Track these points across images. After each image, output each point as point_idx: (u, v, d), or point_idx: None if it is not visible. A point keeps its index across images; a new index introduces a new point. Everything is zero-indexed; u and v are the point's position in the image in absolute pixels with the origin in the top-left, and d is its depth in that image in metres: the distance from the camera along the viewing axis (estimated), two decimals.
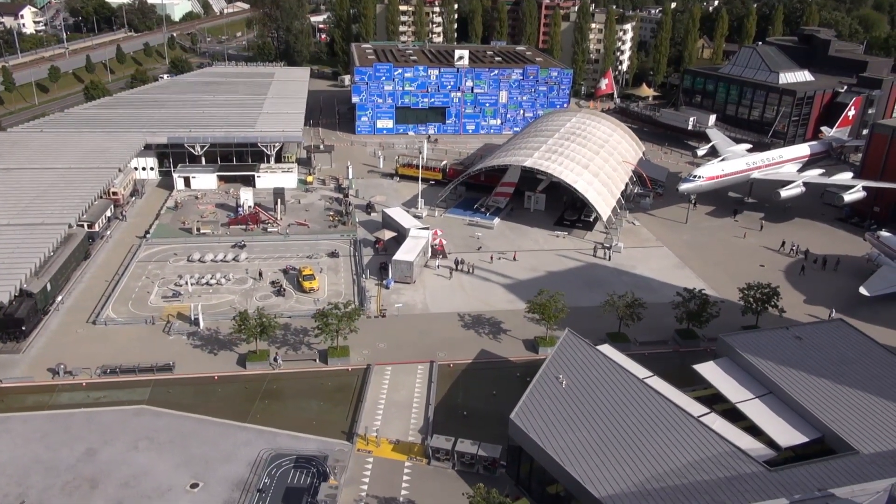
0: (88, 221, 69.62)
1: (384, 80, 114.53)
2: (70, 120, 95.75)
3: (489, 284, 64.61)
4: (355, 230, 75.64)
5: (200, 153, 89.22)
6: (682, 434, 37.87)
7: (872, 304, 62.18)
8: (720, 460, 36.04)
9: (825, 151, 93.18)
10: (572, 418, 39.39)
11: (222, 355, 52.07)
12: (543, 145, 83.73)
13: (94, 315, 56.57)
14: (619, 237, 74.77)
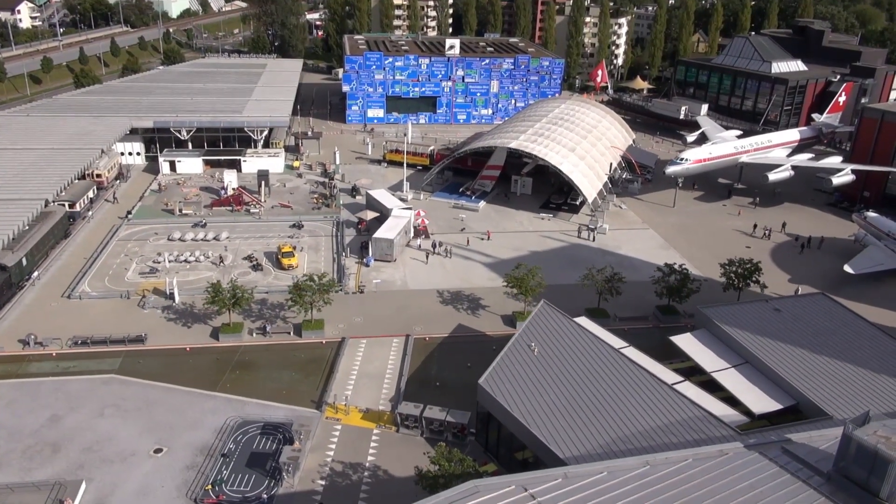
0: (69, 201, 69.25)
1: (375, 69, 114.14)
2: (57, 105, 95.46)
3: (470, 263, 64.04)
4: (339, 212, 75.20)
5: (186, 137, 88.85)
6: (654, 399, 37.17)
7: (857, 283, 61.52)
8: (690, 424, 35.35)
9: (815, 137, 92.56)
10: (542, 384, 38.73)
11: (196, 328, 51.54)
12: (530, 129, 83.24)
13: (70, 290, 56.11)
14: (605, 219, 74.17)
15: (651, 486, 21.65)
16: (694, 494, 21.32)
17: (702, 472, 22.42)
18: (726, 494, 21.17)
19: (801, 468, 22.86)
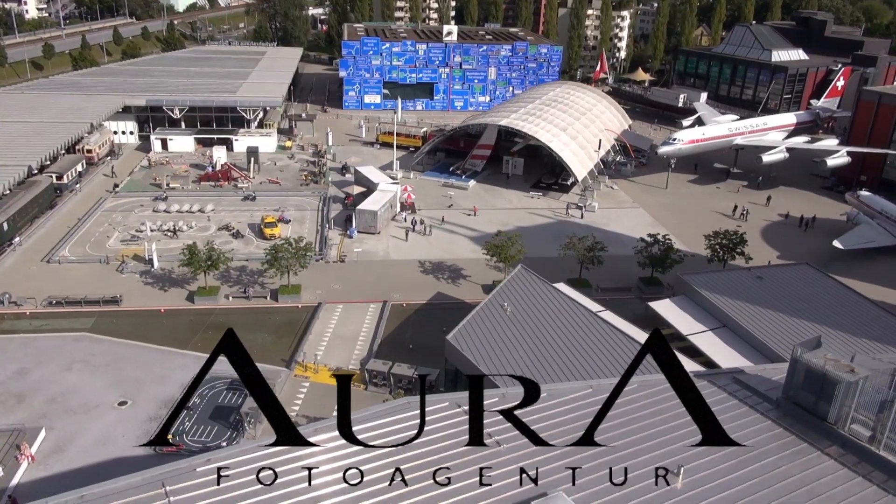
0: (57, 173, 69.32)
1: (372, 54, 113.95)
2: (52, 85, 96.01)
3: (454, 236, 63.53)
4: (327, 188, 74.88)
5: (179, 116, 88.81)
6: (624, 355, 36.53)
7: (847, 260, 60.56)
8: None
9: (812, 121, 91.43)
10: (511, 341, 38.15)
11: (172, 292, 51.28)
12: (522, 109, 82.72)
13: (49, 255, 55.99)
14: (595, 198, 73.46)
15: (590, 406, 21.02)
16: (636, 415, 20.66)
17: (646, 395, 21.74)
18: (670, 415, 20.48)
19: (750, 395, 22.15)
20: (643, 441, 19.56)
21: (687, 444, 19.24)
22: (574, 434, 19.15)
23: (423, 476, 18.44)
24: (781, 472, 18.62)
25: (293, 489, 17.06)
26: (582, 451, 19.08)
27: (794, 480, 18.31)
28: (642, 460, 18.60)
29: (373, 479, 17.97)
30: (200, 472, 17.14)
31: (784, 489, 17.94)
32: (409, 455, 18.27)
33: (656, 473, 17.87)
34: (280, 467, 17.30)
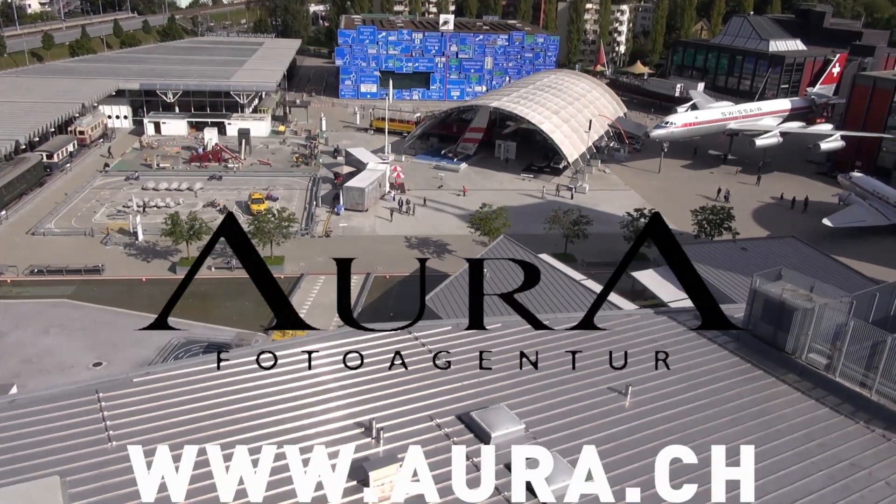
0: (47, 152, 69.43)
1: (368, 43, 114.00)
2: (47, 70, 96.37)
3: (442, 214, 63.31)
4: (317, 169, 74.81)
5: (173, 101, 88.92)
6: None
7: (837, 239, 60.09)
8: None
9: (807, 107, 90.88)
10: (487, 301, 37.79)
11: (155, 262, 51.25)
12: (515, 93, 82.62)
13: (35, 228, 56.02)
14: (587, 181, 73.20)
15: (541, 336, 20.78)
16: (590, 343, 20.39)
17: (603, 321, 21.61)
18: (624, 345, 20.19)
19: (712, 331, 21.87)
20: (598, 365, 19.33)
21: (639, 370, 19.10)
22: (574, 320, 19.44)
23: (422, 359, 18.71)
24: (732, 395, 18.29)
25: (294, 373, 17.42)
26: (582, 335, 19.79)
27: (745, 402, 17.97)
28: (596, 380, 18.40)
29: (372, 361, 18.10)
30: (137, 383, 16.94)
31: (735, 409, 17.62)
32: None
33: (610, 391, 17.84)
34: (280, 351, 17.80)
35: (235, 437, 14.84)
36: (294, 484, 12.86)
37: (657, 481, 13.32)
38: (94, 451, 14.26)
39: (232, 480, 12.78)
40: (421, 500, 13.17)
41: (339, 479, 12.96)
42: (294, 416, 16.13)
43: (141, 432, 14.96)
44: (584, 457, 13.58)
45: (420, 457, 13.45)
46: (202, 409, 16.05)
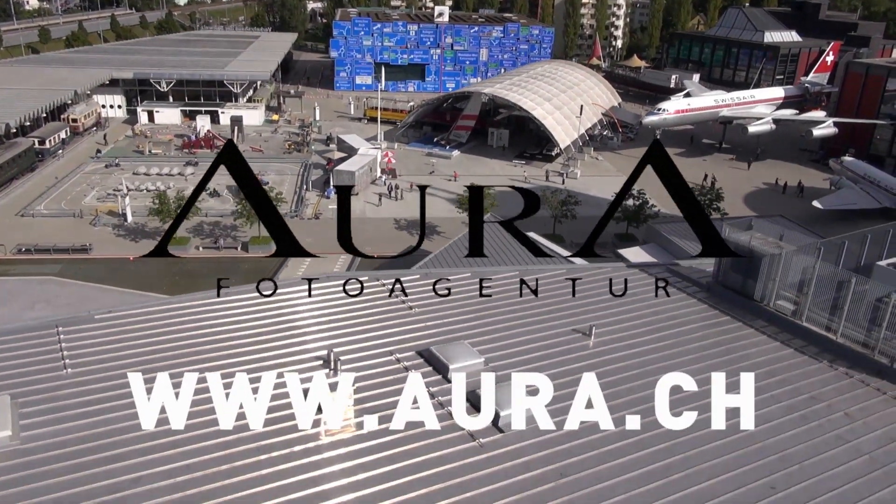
0: (39, 138, 69.56)
1: (363, 34, 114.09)
2: (42, 60, 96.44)
3: (432, 198, 63.09)
4: (310, 156, 74.92)
5: (166, 90, 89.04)
6: None
7: (828, 222, 60.05)
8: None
9: (801, 95, 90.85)
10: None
11: (143, 242, 51.45)
12: (508, 80, 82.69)
13: (24, 209, 56.14)
14: (579, 167, 73.26)
15: (512, 284, 20.82)
16: (561, 291, 20.43)
17: (575, 272, 21.65)
18: (595, 298, 20.20)
19: (681, 282, 21.84)
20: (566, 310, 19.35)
21: (605, 314, 19.14)
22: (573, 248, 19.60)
23: (422, 287, 18.84)
24: (695, 337, 18.26)
25: (292, 301, 17.61)
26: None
27: (708, 343, 17.96)
28: (562, 323, 18.41)
29: (372, 287, 18.27)
30: (98, 319, 16.95)
31: (696, 349, 17.60)
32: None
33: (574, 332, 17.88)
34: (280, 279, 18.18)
35: (186, 368, 14.85)
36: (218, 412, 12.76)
37: (601, 419, 13.29)
38: (48, 377, 14.27)
39: (183, 406, 12.70)
40: (378, 426, 13.17)
41: (294, 406, 12.90)
42: (258, 347, 16.17)
43: (97, 361, 15.01)
44: (584, 384, 13.64)
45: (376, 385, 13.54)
46: (156, 342, 16.07)
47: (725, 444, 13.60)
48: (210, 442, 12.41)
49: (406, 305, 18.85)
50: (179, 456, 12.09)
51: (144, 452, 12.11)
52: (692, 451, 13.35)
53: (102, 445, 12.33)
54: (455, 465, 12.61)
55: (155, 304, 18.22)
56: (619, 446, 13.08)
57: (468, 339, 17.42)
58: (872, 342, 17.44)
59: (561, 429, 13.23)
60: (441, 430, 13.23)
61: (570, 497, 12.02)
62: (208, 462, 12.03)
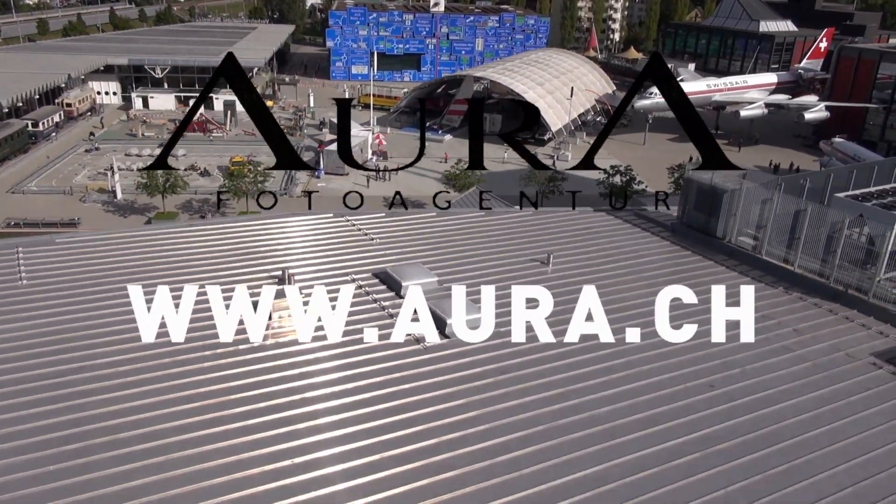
0: (33, 120, 69.93)
1: (359, 24, 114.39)
2: (39, 47, 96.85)
3: (421, 178, 63.57)
4: (302, 140, 75.20)
5: (161, 76, 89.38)
6: None
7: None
8: None
9: (794, 81, 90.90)
10: None
11: (132, 218, 51.73)
12: (501, 66, 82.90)
13: (15, 186, 56.50)
14: (570, 150, 73.42)
15: (478, 223, 21.06)
16: (526, 229, 20.62)
17: (540, 216, 21.86)
18: (558, 236, 20.36)
19: (647, 223, 21.99)
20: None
21: (566, 246, 19.35)
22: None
23: (422, 199, 19.07)
24: (652, 268, 18.46)
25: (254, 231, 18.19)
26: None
27: (664, 272, 18.16)
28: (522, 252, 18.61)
29: (372, 198, 18.48)
30: (59, 243, 17.19)
31: (651, 276, 17.77)
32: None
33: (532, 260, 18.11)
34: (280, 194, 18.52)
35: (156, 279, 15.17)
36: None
37: (540, 331, 13.55)
38: (3, 286, 14.60)
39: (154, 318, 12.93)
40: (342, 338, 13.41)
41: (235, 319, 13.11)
42: (215, 267, 16.38)
43: (54, 276, 15.28)
44: (584, 295, 13.84)
45: (324, 297, 13.72)
46: (112, 262, 16.32)
47: (673, 351, 13.86)
48: (170, 349, 12.75)
49: (368, 237, 19.14)
50: (122, 355, 12.54)
51: (93, 349, 12.79)
52: (634, 357, 13.60)
53: (49, 342, 12.79)
54: (403, 364, 12.91)
55: (115, 232, 18.49)
56: (555, 353, 13.39)
57: (426, 264, 17.69)
58: (828, 271, 17.64)
59: (504, 337, 13.50)
60: (391, 337, 13.55)
61: (507, 390, 12.26)
62: (166, 364, 12.48)
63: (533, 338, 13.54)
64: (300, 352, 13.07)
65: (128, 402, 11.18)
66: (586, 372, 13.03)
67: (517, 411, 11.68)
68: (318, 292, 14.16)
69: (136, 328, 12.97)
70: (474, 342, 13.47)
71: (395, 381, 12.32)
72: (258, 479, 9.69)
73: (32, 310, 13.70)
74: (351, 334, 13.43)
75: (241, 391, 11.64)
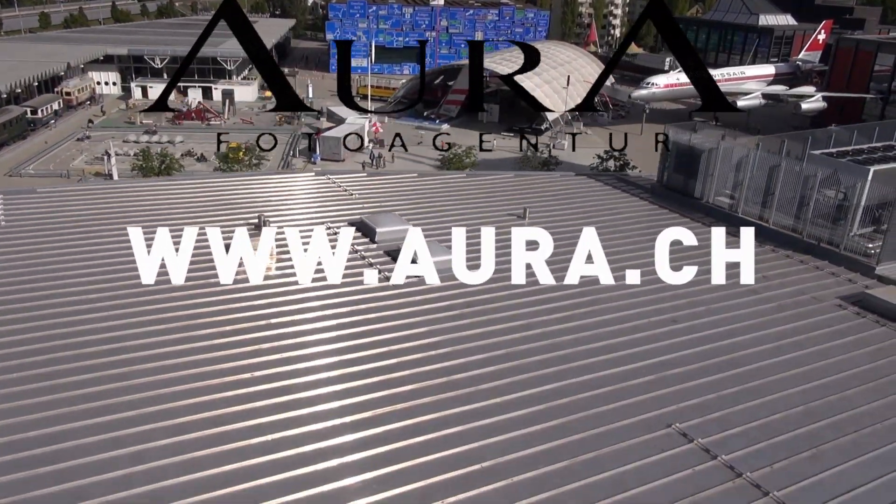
0: (32, 107, 70.26)
1: (358, 17, 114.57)
2: (40, 38, 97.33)
3: (417, 164, 63.63)
4: (300, 128, 75.45)
5: (161, 66, 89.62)
6: None
7: None
8: None
9: (792, 73, 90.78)
10: None
11: None
12: (499, 55, 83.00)
13: (12, 170, 56.86)
14: (567, 139, 73.49)
15: (460, 182, 21.25)
16: (507, 188, 20.82)
17: (522, 178, 22.05)
18: (538, 195, 20.54)
19: (629, 186, 22.17)
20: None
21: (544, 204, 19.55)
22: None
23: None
24: (631, 224, 18.67)
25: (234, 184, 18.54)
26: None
27: (640, 226, 18.36)
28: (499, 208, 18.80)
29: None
30: (40, 193, 17.45)
31: (630, 230, 18.00)
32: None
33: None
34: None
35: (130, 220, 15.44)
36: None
37: (516, 273, 13.77)
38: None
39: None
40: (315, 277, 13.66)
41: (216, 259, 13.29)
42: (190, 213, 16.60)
43: (32, 219, 15.56)
44: (584, 237, 14.03)
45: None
46: (91, 209, 16.59)
47: (639, 292, 14.09)
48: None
49: (348, 193, 19.35)
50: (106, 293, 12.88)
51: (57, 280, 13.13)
52: (601, 296, 13.82)
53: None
54: (373, 298, 13.21)
55: (95, 184, 18.77)
56: (523, 291, 13.69)
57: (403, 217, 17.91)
58: (801, 226, 17.83)
59: (473, 275, 13.68)
60: (364, 275, 13.81)
61: (473, 320, 12.52)
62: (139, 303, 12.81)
63: (503, 278, 13.75)
64: (269, 285, 13.34)
65: (96, 317, 11.49)
66: (552, 307, 13.27)
67: (481, 338, 11.94)
68: (292, 234, 14.37)
69: (105, 265, 13.31)
70: (444, 281, 13.70)
71: (367, 312, 12.69)
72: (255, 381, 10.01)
73: (9, 252, 13.91)
74: (320, 272, 13.59)
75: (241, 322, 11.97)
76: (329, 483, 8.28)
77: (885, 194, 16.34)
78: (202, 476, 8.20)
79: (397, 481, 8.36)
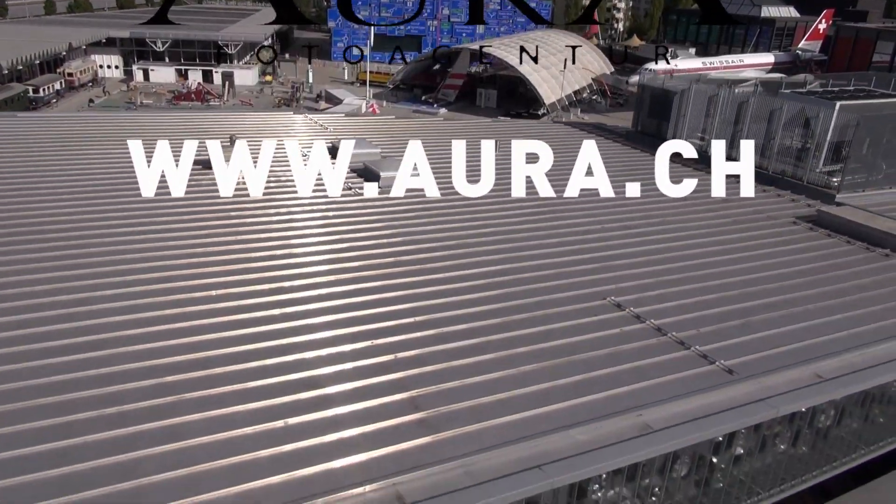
0: (33, 86, 70.86)
1: (360, 4, 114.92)
2: (43, 20, 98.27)
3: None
4: (298, 109, 75.90)
5: (162, 49, 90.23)
6: None
7: None
8: None
9: (791, 62, 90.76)
10: None
11: None
12: (498, 41, 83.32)
13: None
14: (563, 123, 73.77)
15: (439, 125, 21.65)
16: (484, 131, 21.21)
17: (499, 123, 22.43)
18: (517, 135, 20.92)
19: (607, 133, 22.59)
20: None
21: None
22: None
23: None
24: (605, 161, 18.98)
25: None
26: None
27: (617, 163, 18.68)
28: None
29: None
30: (21, 117, 17.93)
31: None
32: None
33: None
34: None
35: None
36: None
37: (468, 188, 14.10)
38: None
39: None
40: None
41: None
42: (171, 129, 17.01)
43: (12, 140, 16.02)
44: (584, 151, 14.38)
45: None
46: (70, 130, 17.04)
47: (600, 206, 14.45)
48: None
49: (324, 128, 19.76)
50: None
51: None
52: (559, 207, 14.14)
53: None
54: (343, 207, 13.61)
55: (76, 112, 19.23)
56: (486, 200, 13.96)
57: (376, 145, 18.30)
58: (766, 162, 18.17)
59: (429, 188, 14.00)
60: (335, 189, 14.21)
61: (429, 228, 12.91)
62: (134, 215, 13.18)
63: (461, 192, 14.10)
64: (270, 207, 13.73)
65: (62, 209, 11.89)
66: (515, 213, 13.66)
67: (443, 236, 12.34)
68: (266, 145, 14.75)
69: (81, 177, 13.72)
70: (403, 192, 14.05)
71: (333, 216, 13.12)
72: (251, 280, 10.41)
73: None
74: (288, 186, 13.98)
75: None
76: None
77: (846, 122, 16.64)
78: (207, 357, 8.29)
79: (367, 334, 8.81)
